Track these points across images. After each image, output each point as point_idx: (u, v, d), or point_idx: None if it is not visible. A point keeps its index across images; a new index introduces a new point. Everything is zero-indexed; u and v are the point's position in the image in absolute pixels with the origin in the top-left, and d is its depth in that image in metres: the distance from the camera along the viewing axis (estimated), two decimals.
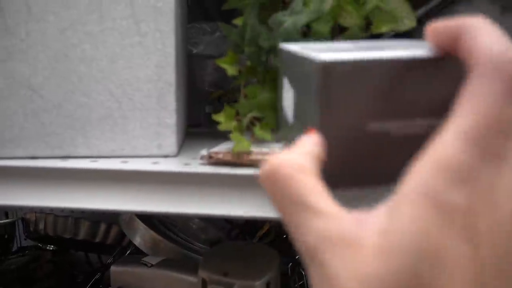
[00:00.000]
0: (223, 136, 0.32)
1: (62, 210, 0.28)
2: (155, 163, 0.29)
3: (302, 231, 0.14)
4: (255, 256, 0.39)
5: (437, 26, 0.15)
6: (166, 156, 0.31)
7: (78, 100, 0.30)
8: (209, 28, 0.56)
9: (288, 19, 0.26)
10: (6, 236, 0.62)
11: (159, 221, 0.66)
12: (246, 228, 0.71)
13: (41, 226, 0.65)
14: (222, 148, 0.30)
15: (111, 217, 0.84)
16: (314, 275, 0.14)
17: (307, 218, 0.13)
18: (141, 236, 0.58)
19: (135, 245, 0.61)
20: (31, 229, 0.66)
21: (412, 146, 0.15)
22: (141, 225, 0.58)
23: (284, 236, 0.64)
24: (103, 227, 0.65)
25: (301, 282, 0.58)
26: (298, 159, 0.15)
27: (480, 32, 0.13)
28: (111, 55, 0.30)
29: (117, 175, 0.28)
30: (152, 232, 0.57)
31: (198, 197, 0.28)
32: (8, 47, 0.29)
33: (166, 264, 0.44)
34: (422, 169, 0.12)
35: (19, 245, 0.83)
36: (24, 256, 0.75)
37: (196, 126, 0.49)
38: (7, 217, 0.93)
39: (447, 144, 0.12)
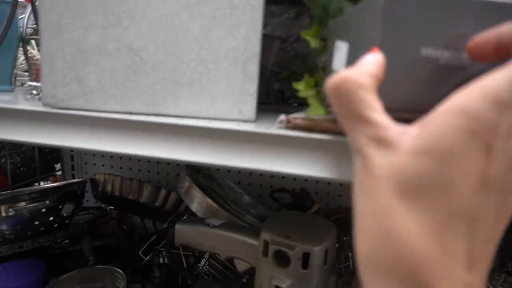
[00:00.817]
0: (293, 112, 0.34)
1: (149, 159, 0.31)
2: (237, 125, 0.32)
3: (357, 133, 0.18)
4: (314, 225, 0.42)
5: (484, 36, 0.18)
6: (245, 121, 0.34)
7: (172, 64, 0.34)
8: (278, 10, 0.58)
9: None
10: (79, 192, 0.68)
11: (214, 192, 0.70)
12: (295, 207, 0.74)
13: (109, 187, 0.71)
14: (299, 115, 0.32)
15: (170, 185, 0.89)
16: (358, 164, 0.18)
17: (362, 125, 0.17)
18: (198, 203, 0.62)
19: (190, 213, 0.66)
20: (99, 189, 0.73)
21: (456, 77, 0.17)
22: (199, 193, 0.62)
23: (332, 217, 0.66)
24: (163, 192, 0.70)
25: (347, 264, 0.60)
26: (360, 76, 0.18)
27: None
28: (205, 24, 0.33)
29: (204, 132, 0.32)
30: (209, 200, 0.61)
31: (275, 156, 0.30)
32: (119, 14, 0.33)
33: (228, 226, 0.47)
34: (465, 91, 0.15)
35: (82, 206, 0.91)
36: (90, 214, 0.83)
37: (264, 104, 0.51)
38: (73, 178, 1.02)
39: (496, 78, 0.15)
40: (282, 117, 0.31)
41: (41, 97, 0.35)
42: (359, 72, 0.18)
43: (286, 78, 0.51)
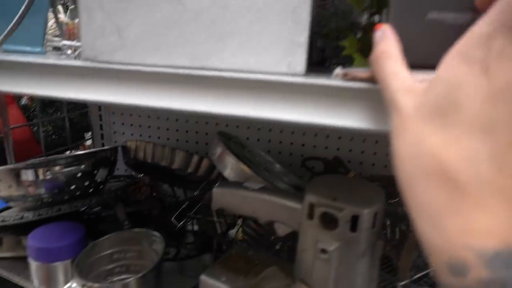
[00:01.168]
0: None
1: (194, 113, 0.30)
2: (288, 78, 0.30)
3: (389, 86, 0.23)
4: (360, 188, 0.40)
5: None
6: (294, 75, 0.32)
7: (217, 12, 0.31)
8: None
9: None
10: (112, 158, 0.68)
11: (246, 159, 0.69)
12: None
13: (141, 154, 0.71)
14: (355, 68, 0.29)
15: (200, 154, 0.89)
16: (391, 112, 0.23)
17: (393, 79, 0.23)
18: (232, 169, 0.61)
19: (223, 179, 0.65)
20: (131, 156, 0.73)
21: (460, 35, 0.20)
22: (233, 159, 0.61)
23: None
24: (195, 159, 0.69)
25: (384, 231, 0.58)
26: (390, 46, 0.25)
27: None
28: None
29: (253, 84, 0.30)
30: (243, 165, 0.60)
31: (329, 109, 0.28)
32: None
33: (268, 190, 0.46)
34: (460, 39, 0.20)
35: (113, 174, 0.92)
36: (121, 181, 0.84)
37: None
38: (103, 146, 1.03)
39: (479, 22, 0.19)
40: (338, 70, 0.29)
41: (81, 51, 0.34)
42: (388, 43, 0.25)
43: (326, 36, 0.48)
